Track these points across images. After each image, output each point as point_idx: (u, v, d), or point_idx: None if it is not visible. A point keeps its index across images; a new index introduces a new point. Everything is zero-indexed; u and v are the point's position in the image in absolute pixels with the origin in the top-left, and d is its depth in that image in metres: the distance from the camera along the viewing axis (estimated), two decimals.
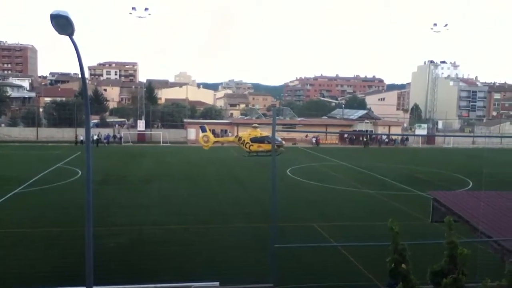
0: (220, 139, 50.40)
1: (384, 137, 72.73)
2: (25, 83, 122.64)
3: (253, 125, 45.46)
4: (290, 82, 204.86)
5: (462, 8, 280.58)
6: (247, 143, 42.20)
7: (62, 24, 6.60)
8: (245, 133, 42.98)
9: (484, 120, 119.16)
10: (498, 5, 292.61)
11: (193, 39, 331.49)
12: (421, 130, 74.61)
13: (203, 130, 45.28)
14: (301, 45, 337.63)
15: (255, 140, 40.47)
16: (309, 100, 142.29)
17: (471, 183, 32.69)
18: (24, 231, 19.30)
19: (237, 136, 44.19)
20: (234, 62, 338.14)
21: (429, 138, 73.65)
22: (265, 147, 38.63)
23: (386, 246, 8.65)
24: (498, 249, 10.68)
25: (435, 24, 78.01)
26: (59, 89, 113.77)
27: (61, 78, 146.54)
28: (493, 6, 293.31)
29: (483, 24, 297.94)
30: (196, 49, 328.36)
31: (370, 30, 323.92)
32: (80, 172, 34.14)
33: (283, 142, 46.76)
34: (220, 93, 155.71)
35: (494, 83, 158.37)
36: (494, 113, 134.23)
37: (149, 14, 68.54)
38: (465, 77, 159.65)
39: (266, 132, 41.80)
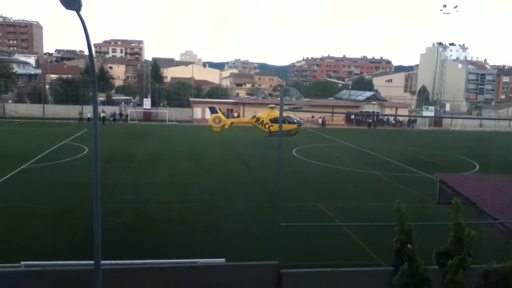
0: (235, 120, 49.99)
1: (391, 118, 72.37)
2: (31, 60, 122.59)
3: (270, 105, 45.08)
4: (297, 62, 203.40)
5: None
6: (266, 123, 41.93)
7: None
8: (264, 114, 42.64)
9: (492, 103, 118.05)
10: None
11: (200, 17, 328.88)
12: (428, 112, 74.16)
13: (214, 111, 44.79)
14: (308, 25, 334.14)
15: (275, 120, 40.18)
16: (315, 81, 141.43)
17: (477, 166, 32.56)
18: (31, 206, 19.50)
19: (254, 116, 43.82)
20: (241, 41, 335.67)
21: (436, 121, 73.21)
22: (286, 127, 38.42)
23: (391, 227, 8.67)
24: (504, 231, 10.68)
25: (444, 6, 77.07)
26: (65, 66, 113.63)
27: (67, 55, 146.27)
28: None
29: (493, 6, 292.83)
30: (203, 28, 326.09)
31: (378, 11, 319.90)
32: (86, 149, 34.29)
33: (302, 121, 46.47)
34: (226, 73, 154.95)
35: (503, 66, 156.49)
36: (503, 96, 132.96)
37: None
38: (474, 59, 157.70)
39: (276, 112, 41.44)
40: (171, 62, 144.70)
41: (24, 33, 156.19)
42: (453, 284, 7.68)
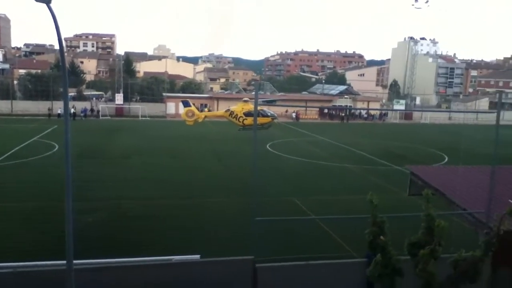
0: (208, 113, 49.56)
1: (363, 112, 73.38)
2: None
3: (244, 99, 44.93)
4: (271, 57, 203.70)
5: None
6: (240, 117, 41.79)
7: None
8: (237, 107, 42.41)
9: (461, 97, 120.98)
10: None
11: (173, 11, 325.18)
12: (399, 106, 75.50)
13: (186, 105, 44.41)
14: (282, 20, 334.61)
15: (249, 114, 40.11)
16: (289, 75, 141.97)
17: (446, 158, 33.40)
18: (1, 205, 18.99)
19: (227, 110, 43.52)
20: (215, 35, 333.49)
21: (407, 114, 74.64)
22: (260, 120, 38.32)
23: (364, 219, 8.81)
24: (472, 221, 11.01)
25: (416, 0, 78.21)
26: (34, 61, 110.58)
27: (36, 50, 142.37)
28: None
29: (462, 1, 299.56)
30: (176, 22, 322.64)
31: (351, 5, 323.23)
32: (57, 146, 33.56)
33: (276, 114, 46.62)
34: (200, 67, 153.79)
35: (471, 60, 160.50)
36: (471, 90, 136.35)
37: None
38: (444, 54, 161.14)
39: (250, 105, 41.31)
40: (144, 57, 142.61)
41: None
42: (424, 274, 7.88)
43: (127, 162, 29.66)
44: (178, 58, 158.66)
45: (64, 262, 8.13)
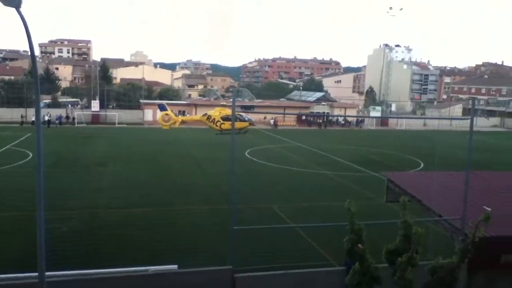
0: (185, 117, 49.29)
1: (340, 119, 74.08)
2: None
3: (222, 103, 44.86)
4: (249, 63, 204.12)
5: None
6: (217, 121, 41.70)
7: None
8: (215, 112, 42.35)
9: (435, 103, 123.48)
10: None
11: (150, 16, 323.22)
12: (376, 112, 76.53)
13: (163, 109, 44.22)
14: (259, 26, 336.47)
15: (226, 118, 40.02)
16: (267, 82, 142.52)
17: (422, 164, 33.90)
18: None
19: (205, 114, 43.36)
20: (192, 42, 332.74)
21: (383, 120, 75.69)
22: (237, 125, 38.21)
23: (343, 226, 8.81)
24: (448, 228, 11.13)
25: (391, 8, 79.60)
26: (8, 67, 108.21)
27: (10, 56, 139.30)
28: None
29: (435, 8, 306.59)
30: (153, 28, 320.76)
31: (327, 12, 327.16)
32: (31, 154, 32.80)
33: (252, 119, 46.72)
34: (178, 74, 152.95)
35: (445, 67, 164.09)
36: (445, 96, 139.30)
37: None
38: (418, 61, 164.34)
39: (227, 110, 41.18)
40: (121, 63, 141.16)
41: None
42: (402, 281, 7.91)
43: (102, 170, 29.15)
44: (155, 65, 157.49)
45: (36, 274, 7.89)
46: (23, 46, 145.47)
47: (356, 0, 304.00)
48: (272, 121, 68.44)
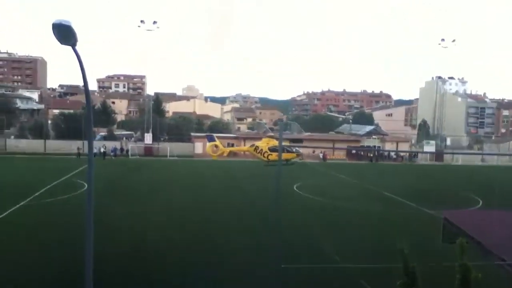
0: (233, 148, 49.86)
1: (392, 153, 72.26)
2: (34, 95, 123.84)
3: (269, 134, 45.10)
4: (298, 96, 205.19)
5: (470, 23, 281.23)
6: (265, 152, 41.89)
7: (65, 33, 6.45)
8: (262, 143, 42.65)
9: (493, 137, 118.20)
10: (507, 19, 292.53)
11: (201, 52, 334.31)
12: (429, 146, 74.05)
13: (211, 139, 45.04)
14: (308, 59, 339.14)
15: (273, 149, 40.14)
16: (316, 115, 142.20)
17: (481, 202, 32.12)
18: (27, 244, 19.09)
19: (252, 145, 43.73)
20: (242, 75, 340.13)
21: (438, 155, 73.08)
22: (284, 156, 38.25)
23: (396, 268, 8.33)
24: (511, 272, 10.30)
25: (442, 40, 77.78)
26: (68, 101, 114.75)
27: (70, 91, 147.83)
28: (501, 21, 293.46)
29: (491, 39, 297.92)
30: (204, 62, 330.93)
31: (377, 45, 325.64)
32: (86, 185, 33.99)
33: (300, 150, 46.58)
34: (228, 107, 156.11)
35: (503, 100, 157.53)
36: (503, 130, 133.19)
37: (158, 27, 69.11)
38: (473, 93, 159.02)
39: (275, 141, 41.21)
40: (173, 97, 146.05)
41: (28, 69, 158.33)
42: None
43: (152, 201, 29.65)
44: (206, 98, 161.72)
45: None
46: (82, 82, 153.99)
47: (407, 33, 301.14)
48: (321, 155, 67.76)
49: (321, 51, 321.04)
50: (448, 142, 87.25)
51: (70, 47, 7.04)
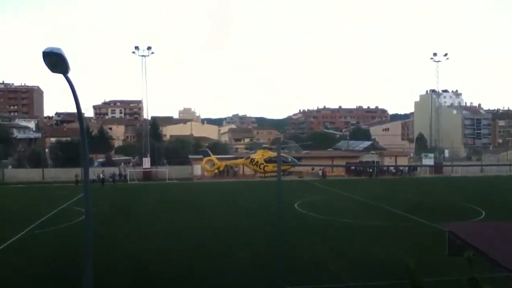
0: (228, 161, 49.37)
1: (391, 167, 72.14)
2: (31, 124, 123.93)
3: (264, 145, 44.96)
4: (294, 115, 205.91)
5: (462, 34, 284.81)
6: (261, 164, 41.62)
7: (56, 61, 6.36)
8: (258, 155, 42.33)
9: (491, 148, 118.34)
10: (498, 31, 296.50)
11: (196, 75, 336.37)
12: (428, 159, 74.00)
13: (206, 155, 44.86)
14: (303, 77, 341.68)
15: (269, 160, 39.87)
16: (313, 132, 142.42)
17: (483, 213, 31.89)
18: (33, 271, 18.78)
19: (248, 157, 43.46)
20: (238, 96, 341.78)
21: (437, 168, 72.99)
22: (281, 167, 37.74)
23: (402, 284, 8.13)
24: None
25: (435, 54, 78.43)
26: (65, 129, 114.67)
27: (67, 118, 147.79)
28: (492, 32, 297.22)
29: (483, 50, 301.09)
30: (200, 85, 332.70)
31: (370, 61, 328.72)
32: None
33: (296, 160, 46.33)
34: (225, 128, 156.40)
35: (497, 110, 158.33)
36: (500, 140, 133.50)
37: (152, 53, 69.59)
38: (468, 104, 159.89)
39: (270, 152, 40.86)
40: (170, 120, 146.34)
41: (25, 98, 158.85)
42: None
43: (151, 225, 29.31)
44: (203, 121, 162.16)
45: None
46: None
47: (398, 48, 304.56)
48: (320, 172, 67.57)
49: (315, 69, 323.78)
50: (447, 154, 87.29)
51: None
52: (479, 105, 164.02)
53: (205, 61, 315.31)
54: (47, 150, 76.78)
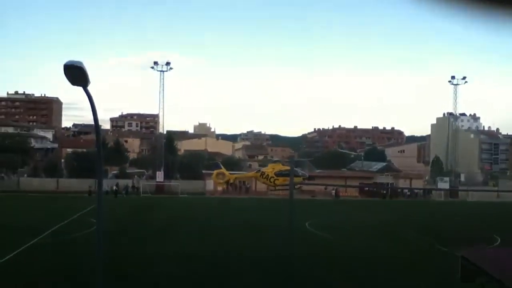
0: (239, 175, 49.25)
1: (405, 190, 71.33)
2: (49, 135, 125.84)
3: (274, 159, 44.93)
4: (309, 134, 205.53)
5: (481, 59, 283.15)
6: (271, 177, 41.42)
7: (76, 74, 6.49)
8: (268, 168, 42.16)
9: (508, 173, 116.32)
10: None
11: (214, 91, 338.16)
12: (443, 183, 73.00)
13: (217, 167, 44.88)
14: (320, 96, 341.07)
15: (280, 174, 39.63)
16: (327, 151, 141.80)
17: (499, 239, 31.23)
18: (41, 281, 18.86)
19: (258, 171, 43.32)
20: (253, 113, 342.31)
21: (453, 191, 71.94)
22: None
23: None
24: None
25: (453, 77, 77.79)
26: (81, 140, 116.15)
27: (84, 129, 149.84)
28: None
29: (502, 74, 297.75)
30: (216, 100, 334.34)
31: (386, 82, 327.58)
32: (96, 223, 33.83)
33: (306, 174, 46.05)
34: (239, 144, 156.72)
35: None
36: None
37: (171, 69, 70.54)
38: (486, 129, 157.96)
39: (281, 166, 40.52)
40: (185, 135, 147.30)
41: (43, 109, 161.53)
42: None
43: (160, 240, 29.33)
44: (217, 136, 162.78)
45: None
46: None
47: (416, 69, 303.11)
48: (333, 192, 67.05)
49: (332, 88, 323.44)
50: (462, 178, 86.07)
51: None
52: (497, 129, 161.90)
53: (223, 77, 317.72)
54: (62, 160, 77.75)
